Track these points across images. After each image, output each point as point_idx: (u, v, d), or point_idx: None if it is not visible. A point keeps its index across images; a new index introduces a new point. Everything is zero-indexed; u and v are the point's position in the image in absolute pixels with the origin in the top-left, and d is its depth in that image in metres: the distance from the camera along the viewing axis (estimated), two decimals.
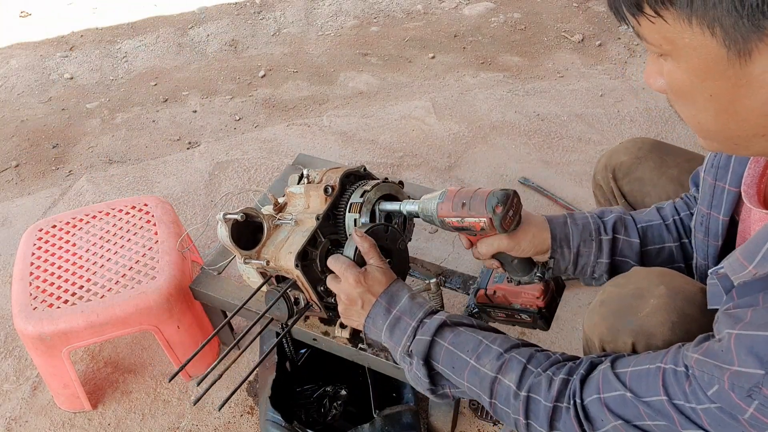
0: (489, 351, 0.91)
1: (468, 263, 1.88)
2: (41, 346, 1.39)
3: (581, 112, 2.53)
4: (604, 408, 0.79)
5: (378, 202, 1.19)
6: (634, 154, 1.28)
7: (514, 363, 0.88)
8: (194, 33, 3.32)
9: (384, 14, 3.43)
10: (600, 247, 1.06)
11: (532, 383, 0.85)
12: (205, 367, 1.61)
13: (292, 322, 1.23)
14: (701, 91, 0.64)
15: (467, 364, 0.92)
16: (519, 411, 0.86)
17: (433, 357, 0.96)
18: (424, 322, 0.98)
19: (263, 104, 2.76)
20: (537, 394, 0.84)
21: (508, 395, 0.87)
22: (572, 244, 1.06)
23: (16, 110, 2.79)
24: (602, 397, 0.79)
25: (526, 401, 0.85)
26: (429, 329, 0.96)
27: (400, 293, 1.03)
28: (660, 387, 0.73)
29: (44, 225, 1.61)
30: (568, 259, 1.07)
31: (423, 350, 0.96)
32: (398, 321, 1.00)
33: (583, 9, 3.38)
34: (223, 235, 1.19)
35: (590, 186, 2.22)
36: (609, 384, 0.79)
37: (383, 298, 1.02)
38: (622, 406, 0.77)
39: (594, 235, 1.06)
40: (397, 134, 2.44)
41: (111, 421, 1.53)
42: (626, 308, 0.90)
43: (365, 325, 1.05)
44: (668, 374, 0.73)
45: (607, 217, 1.09)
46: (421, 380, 0.98)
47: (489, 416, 1.49)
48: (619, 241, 1.07)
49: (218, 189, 2.21)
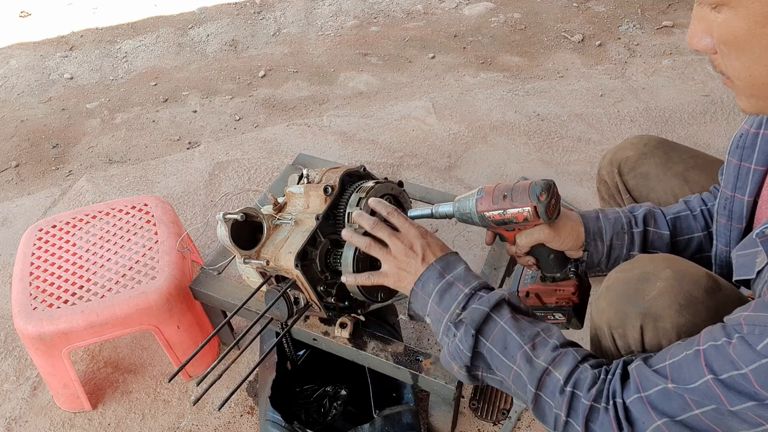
0: (546, 342, 0.88)
1: (468, 263, 1.88)
2: (41, 346, 1.39)
3: (581, 112, 2.53)
4: (647, 406, 0.76)
5: None
6: (640, 149, 1.29)
7: (569, 358, 0.85)
8: (194, 33, 3.32)
9: (384, 14, 3.43)
10: (632, 240, 1.08)
11: (578, 378, 0.83)
12: (205, 367, 1.61)
13: (291, 322, 1.23)
14: (759, 39, 0.64)
15: (521, 349, 0.88)
16: (562, 406, 0.83)
17: (484, 332, 0.91)
18: (479, 294, 0.95)
19: (263, 104, 2.76)
20: (580, 390, 0.82)
21: (555, 388, 0.84)
22: (605, 237, 1.07)
23: (16, 110, 2.79)
24: (644, 396, 0.77)
25: (570, 397, 0.82)
26: (488, 301, 0.92)
27: (456, 263, 1.00)
28: (704, 368, 0.71)
29: (44, 225, 1.61)
30: (602, 252, 1.08)
31: (478, 320, 0.91)
32: (450, 286, 0.96)
33: (583, 9, 3.38)
34: (223, 235, 1.19)
35: (590, 186, 2.22)
36: (648, 380, 0.77)
37: (439, 263, 0.99)
38: (667, 401, 0.75)
39: (626, 228, 1.08)
40: (397, 134, 2.44)
41: (111, 421, 1.53)
42: (633, 292, 0.89)
43: (413, 289, 1.00)
44: (708, 352, 0.72)
45: (637, 211, 1.10)
46: (461, 353, 0.92)
47: (489, 416, 1.49)
48: (650, 233, 1.08)
49: (218, 189, 2.21)
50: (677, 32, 3.12)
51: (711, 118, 2.47)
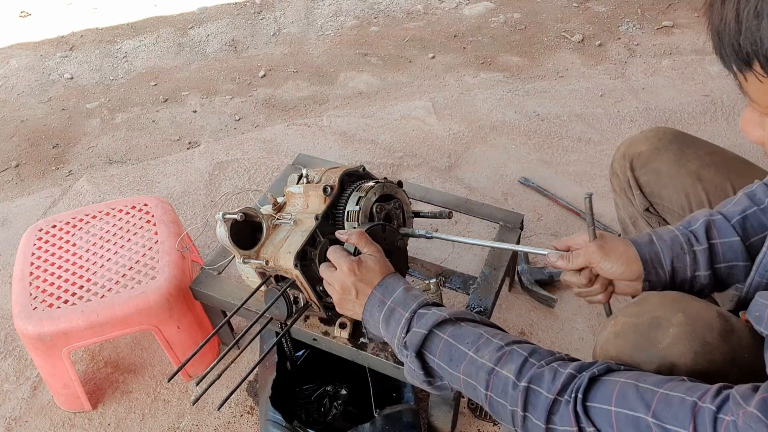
0: (489, 343, 0.88)
1: (468, 263, 1.88)
2: (41, 346, 1.39)
3: (581, 112, 2.53)
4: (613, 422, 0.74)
5: (375, 204, 1.20)
6: (654, 144, 1.24)
7: (514, 355, 0.85)
8: (194, 33, 3.32)
9: (384, 14, 3.43)
10: (695, 260, 0.97)
11: (533, 374, 0.81)
12: (205, 366, 1.61)
13: (291, 322, 1.23)
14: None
15: (465, 356, 0.89)
16: (517, 402, 0.81)
17: (429, 350, 0.94)
18: (419, 313, 0.96)
19: (263, 104, 2.76)
20: (538, 385, 0.80)
21: (506, 386, 0.83)
22: (665, 262, 0.98)
23: (16, 110, 2.79)
24: (614, 411, 0.74)
25: (525, 392, 0.81)
26: (426, 322, 0.94)
27: (394, 285, 1.02)
28: (690, 422, 0.67)
29: (44, 225, 1.61)
30: (664, 279, 0.99)
31: (417, 343, 0.93)
32: (392, 312, 0.99)
33: (583, 9, 3.38)
34: (223, 235, 1.19)
35: (590, 186, 2.22)
36: (626, 401, 0.73)
37: (378, 290, 1.02)
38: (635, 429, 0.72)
39: (686, 247, 0.98)
40: (397, 134, 2.44)
41: (111, 421, 1.53)
42: (645, 340, 0.84)
43: (363, 319, 1.05)
44: (704, 413, 0.67)
45: (694, 225, 0.99)
46: (415, 372, 0.96)
47: (489, 416, 1.49)
48: (716, 246, 0.98)
49: (218, 189, 2.21)
50: (677, 32, 3.12)
51: (711, 118, 2.47)
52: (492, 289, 1.41)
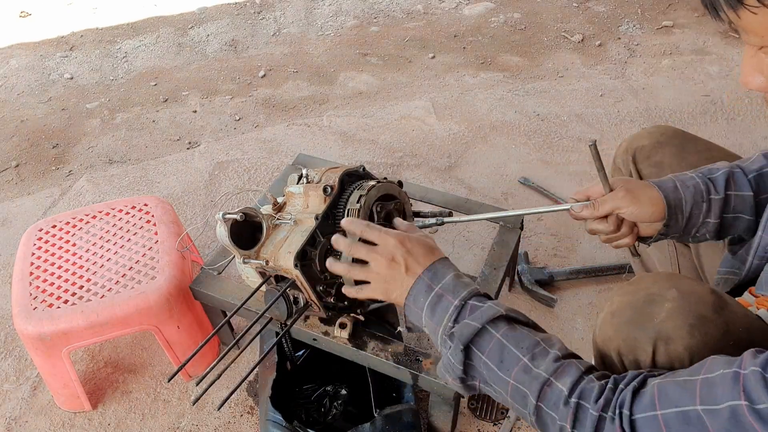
0: (546, 353, 0.85)
1: (468, 263, 1.88)
2: (41, 346, 1.39)
3: (581, 112, 2.53)
4: (662, 427, 0.72)
5: (376, 203, 1.19)
6: (656, 138, 1.28)
7: (572, 368, 0.83)
8: (194, 33, 3.32)
9: (384, 14, 3.43)
10: (709, 208, 1.02)
11: (583, 389, 0.80)
12: (205, 366, 1.61)
13: (291, 322, 1.23)
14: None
15: (519, 361, 0.85)
16: (566, 418, 0.80)
17: (478, 346, 0.89)
18: (472, 304, 0.92)
19: (263, 104, 2.76)
20: (587, 401, 0.79)
21: (558, 400, 0.81)
22: (685, 209, 1.03)
23: (16, 110, 2.79)
24: (660, 415, 0.72)
25: (575, 408, 0.79)
26: (481, 316, 0.89)
27: (444, 270, 0.96)
28: (741, 392, 0.66)
29: (44, 225, 1.61)
30: (681, 225, 1.04)
31: (468, 336, 0.88)
32: (440, 299, 0.93)
33: (583, 9, 3.38)
34: (222, 235, 1.19)
35: (590, 186, 2.21)
36: (669, 399, 0.72)
37: (426, 274, 0.95)
38: (685, 425, 0.70)
39: (704, 196, 1.03)
40: (397, 134, 2.44)
41: (111, 421, 1.53)
42: (641, 316, 0.86)
43: (406, 304, 0.97)
44: (750, 378, 0.66)
45: (716, 174, 1.04)
46: (453, 367, 0.90)
47: (489, 416, 1.49)
48: (731, 198, 1.03)
49: (218, 189, 2.21)
50: (677, 32, 3.12)
51: (711, 118, 2.47)
52: (492, 289, 1.41)
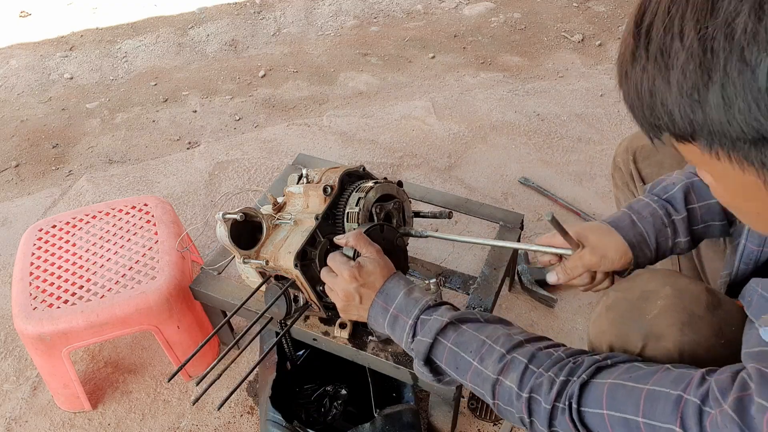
0: (492, 352, 0.90)
1: (468, 263, 1.88)
2: (41, 346, 1.39)
3: (581, 112, 2.53)
4: (608, 426, 0.76)
5: (375, 204, 1.19)
6: None
7: (515, 363, 0.87)
8: (194, 33, 3.32)
9: (384, 14, 3.43)
10: (675, 230, 1.01)
11: (533, 384, 0.84)
12: (205, 366, 1.61)
13: (291, 321, 1.23)
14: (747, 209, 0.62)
15: (470, 365, 0.91)
16: (522, 410, 0.85)
17: (436, 356, 0.96)
18: (422, 319, 0.98)
19: (263, 104, 2.76)
20: (538, 394, 0.83)
21: (510, 396, 0.86)
22: (650, 241, 1.01)
23: (16, 110, 2.79)
24: (606, 414, 0.76)
25: (528, 402, 0.84)
26: (430, 330, 0.95)
27: (395, 290, 1.03)
28: (678, 419, 0.69)
29: (44, 225, 1.61)
30: (650, 256, 1.03)
31: (424, 351, 0.96)
32: (396, 319, 1.01)
33: (583, 9, 3.37)
34: (222, 235, 1.19)
35: (590, 186, 2.22)
36: (616, 402, 0.75)
37: (379, 297, 1.03)
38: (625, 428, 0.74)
39: (665, 220, 1.01)
40: (397, 134, 2.44)
41: (111, 421, 1.53)
42: (634, 311, 0.88)
43: (369, 323, 1.06)
44: (689, 408, 0.68)
45: (671, 191, 1.02)
46: (425, 375, 0.99)
47: (489, 416, 1.49)
48: (695, 210, 1.01)
49: (218, 189, 2.21)
50: None
51: None
52: (492, 289, 1.41)
